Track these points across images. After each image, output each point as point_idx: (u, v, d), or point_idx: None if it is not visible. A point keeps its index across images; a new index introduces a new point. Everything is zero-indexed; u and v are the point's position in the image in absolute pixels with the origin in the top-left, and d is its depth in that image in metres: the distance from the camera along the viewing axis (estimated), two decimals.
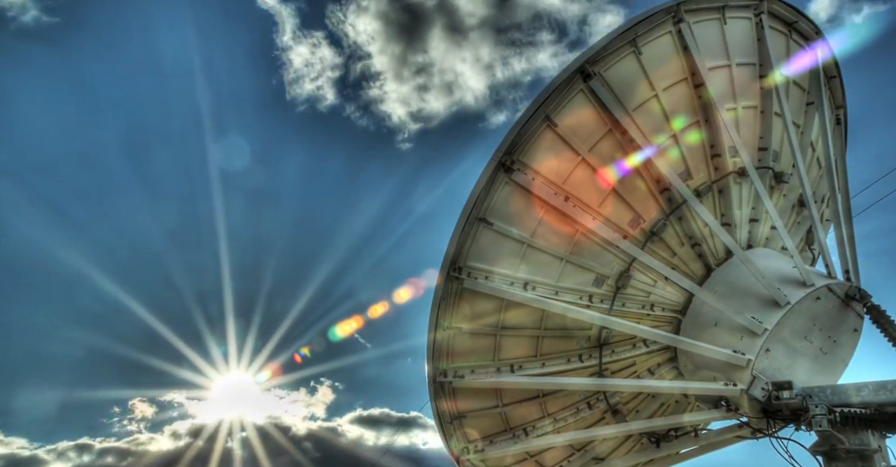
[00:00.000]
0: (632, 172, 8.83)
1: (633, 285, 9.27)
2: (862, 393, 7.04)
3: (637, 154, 8.67)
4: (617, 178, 8.76)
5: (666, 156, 8.88)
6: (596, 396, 10.19)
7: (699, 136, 9.21)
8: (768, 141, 9.72)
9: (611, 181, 8.73)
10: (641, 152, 8.60)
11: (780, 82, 9.36)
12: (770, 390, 7.50)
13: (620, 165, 8.72)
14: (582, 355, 9.64)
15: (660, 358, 9.96)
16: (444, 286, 8.60)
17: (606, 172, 8.68)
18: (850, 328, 8.48)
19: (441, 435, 9.69)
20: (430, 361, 9.07)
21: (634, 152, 8.66)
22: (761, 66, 9.56)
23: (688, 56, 8.77)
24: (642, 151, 8.57)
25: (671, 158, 8.99)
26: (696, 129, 9.18)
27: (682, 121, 9.01)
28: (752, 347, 8.02)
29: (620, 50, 8.33)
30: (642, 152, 8.58)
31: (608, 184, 8.75)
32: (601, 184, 8.74)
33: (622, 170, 8.76)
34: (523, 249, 8.72)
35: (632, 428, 9.65)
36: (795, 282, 8.51)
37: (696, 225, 9.28)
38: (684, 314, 9.44)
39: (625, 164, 8.74)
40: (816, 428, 6.89)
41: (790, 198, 10.20)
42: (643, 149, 8.52)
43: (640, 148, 8.53)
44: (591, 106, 8.36)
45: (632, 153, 8.68)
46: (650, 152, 8.54)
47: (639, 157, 8.71)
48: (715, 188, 9.44)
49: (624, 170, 8.77)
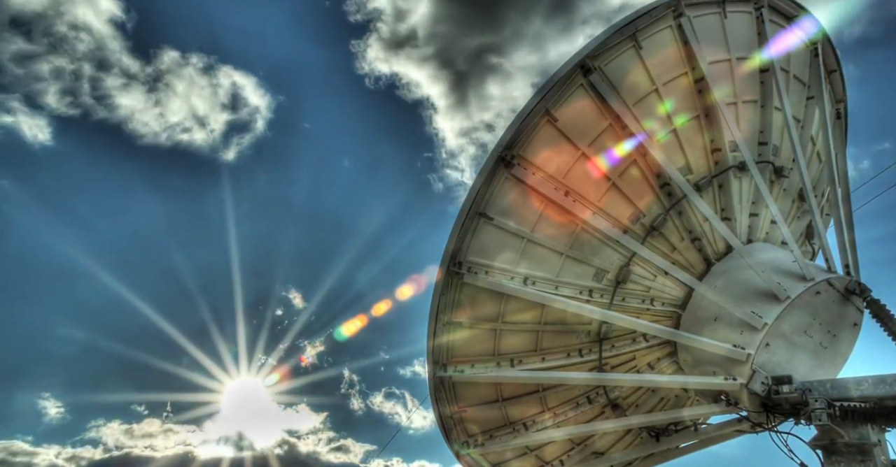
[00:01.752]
0: (632, 167, 8.82)
1: (632, 280, 9.27)
2: (861, 387, 7.04)
3: (637, 148, 8.66)
4: (617, 173, 8.75)
5: (666, 150, 8.87)
6: (596, 391, 10.21)
7: (699, 131, 9.20)
8: (768, 135, 9.70)
9: (611, 176, 8.72)
10: (641, 146, 8.58)
11: (779, 76, 9.33)
12: (770, 384, 7.51)
13: (620, 160, 8.71)
14: (582, 350, 9.65)
15: (660, 352, 9.98)
16: (444, 281, 8.60)
17: (606, 167, 8.66)
18: (850, 322, 8.48)
19: (441, 429, 9.71)
20: (431, 356, 9.08)
21: (635, 147, 8.65)
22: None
23: (688, 50, 8.75)
24: (642, 146, 8.55)
25: (671, 153, 8.98)
26: (697, 124, 9.17)
27: (682, 115, 9.00)
28: (751, 342, 8.03)
29: (621, 44, 8.30)
30: (642, 147, 8.57)
31: (608, 179, 8.74)
32: (601, 179, 8.73)
33: (622, 164, 8.75)
34: (523, 244, 8.72)
35: (631, 422, 9.65)
36: (795, 277, 8.50)
37: (696, 219, 9.28)
38: (684, 309, 9.45)
39: (625, 159, 8.74)
40: (816, 423, 6.90)
41: (790, 192, 10.19)
42: (643, 143, 8.50)
43: (641, 143, 8.52)
44: (591, 100, 8.34)
45: (632, 148, 8.67)
46: (650, 147, 8.52)
47: (639, 152, 8.71)
48: (715, 182, 9.43)
49: (624, 164, 8.77)
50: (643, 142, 8.49)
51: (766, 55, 9.43)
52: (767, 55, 9.39)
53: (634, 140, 8.55)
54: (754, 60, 9.53)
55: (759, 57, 9.50)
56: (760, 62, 9.52)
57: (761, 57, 9.49)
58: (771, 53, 9.34)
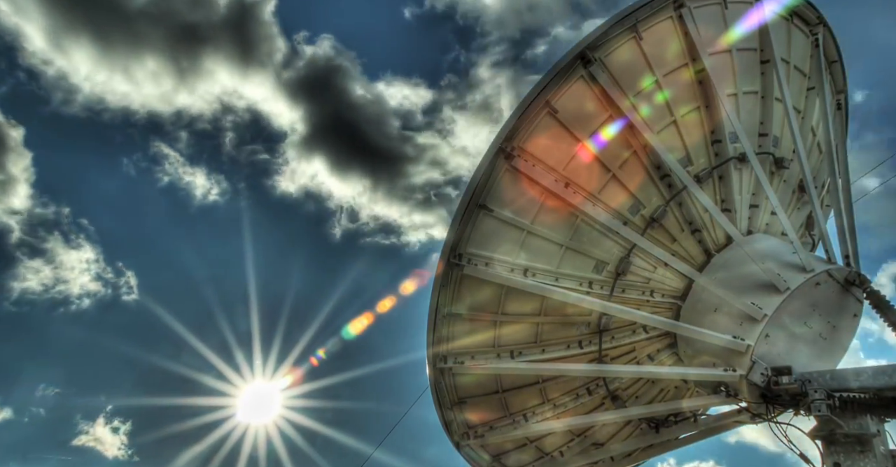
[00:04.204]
0: (632, 158, 8.80)
1: (632, 271, 9.26)
2: (861, 377, 7.05)
3: (637, 140, 8.65)
4: (617, 165, 8.73)
5: (666, 142, 8.84)
6: (595, 382, 10.22)
7: (700, 122, 9.17)
8: (769, 126, 9.68)
9: (610, 167, 8.70)
10: (642, 138, 8.57)
11: (780, 67, 9.30)
12: (769, 375, 7.52)
13: (621, 151, 8.70)
14: (582, 341, 9.66)
15: (659, 344, 9.98)
16: (444, 273, 8.59)
17: (606, 158, 8.64)
18: (850, 313, 8.48)
19: (441, 421, 9.73)
20: (431, 347, 9.08)
21: (635, 138, 8.63)
22: (762, 51, 9.50)
23: (689, 41, 8.71)
24: (643, 137, 8.53)
25: (671, 144, 8.96)
26: (697, 115, 9.14)
27: (682, 106, 8.97)
28: (751, 333, 8.02)
29: (621, 35, 8.27)
30: (643, 138, 8.55)
31: (608, 170, 8.72)
32: (601, 170, 8.71)
33: (622, 155, 8.73)
34: (523, 236, 8.70)
35: (631, 413, 9.69)
36: (795, 268, 8.49)
37: (696, 211, 9.26)
38: (684, 300, 9.44)
39: (625, 150, 8.72)
40: (815, 413, 6.91)
41: (790, 183, 10.17)
42: (644, 135, 8.48)
43: (641, 134, 8.50)
44: (591, 92, 8.31)
45: (632, 139, 8.65)
46: (651, 138, 8.50)
47: (639, 143, 8.69)
48: (715, 174, 9.40)
49: (623, 155, 8.75)
50: (644, 133, 8.47)
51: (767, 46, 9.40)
52: (769, 46, 9.35)
53: (635, 132, 8.53)
54: (755, 51, 9.50)
55: (759, 47, 9.48)
56: (761, 53, 9.50)
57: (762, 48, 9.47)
58: (771, 44, 9.30)
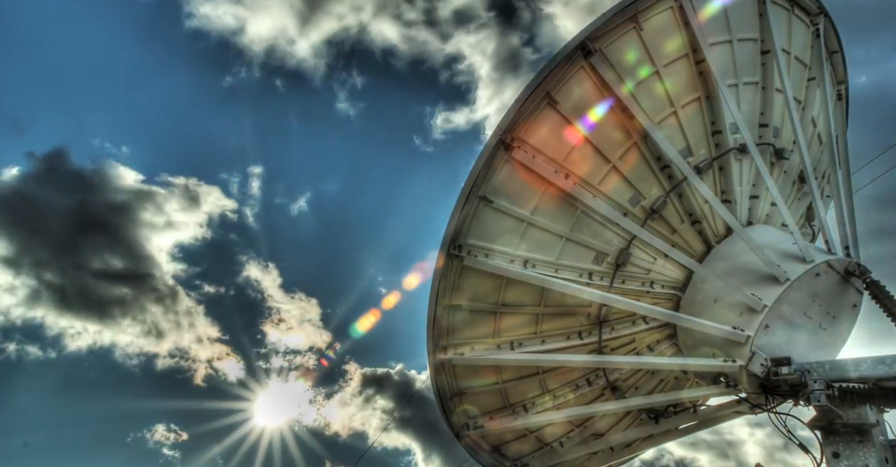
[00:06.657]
0: (632, 149, 8.79)
1: (632, 262, 9.27)
2: (860, 368, 7.06)
3: (638, 131, 8.63)
4: (617, 155, 8.72)
5: (666, 133, 8.83)
6: (595, 373, 10.24)
7: (700, 113, 9.16)
8: (769, 117, 9.66)
9: (611, 158, 8.69)
10: (642, 129, 8.55)
11: (780, 57, 9.27)
12: (769, 366, 7.53)
13: (621, 142, 8.68)
14: (581, 332, 9.68)
15: (659, 334, 10.00)
16: (444, 264, 8.60)
17: (606, 149, 8.63)
18: (850, 304, 8.49)
19: (441, 411, 9.76)
20: (431, 339, 9.10)
21: (635, 129, 8.62)
22: (763, 41, 9.47)
23: (689, 31, 8.68)
24: (643, 128, 8.52)
25: (672, 135, 8.95)
26: (697, 106, 9.12)
27: (683, 97, 8.95)
28: (751, 323, 8.04)
29: (622, 26, 8.24)
30: (643, 129, 8.54)
31: (608, 162, 8.71)
32: (601, 162, 8.70)
33: (622, 147, 8.72)
34: (523, 227, 8.70)
35: (631, 404, 9.71)
36: (795, 259, 8.50)
37: (697, 202, 9.26)
38: (684, 291, 9.46)
39: (625, 141, 8.70)
40: (815, 403, 6.91)
41: (791, 174, 10.16)
42: (644, 125, 8.47)
43: (641, 124, 8.48)
44: (591, 83, 8.29)
45: (632, 130, 8.64)
46: (651, 129, 8.48)
47: (639, 134, 8.68)
48: (715, 165, 9.39)
49: (624, 147, 8.73)
50: (644, 124, 8.45)
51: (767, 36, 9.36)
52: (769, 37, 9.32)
53: (635, 122, 8.51)
54: (755, 42, 9.47)
55: (760, 38, 9.45)
56: (762, 44, 9.47)
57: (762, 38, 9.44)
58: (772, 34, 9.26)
